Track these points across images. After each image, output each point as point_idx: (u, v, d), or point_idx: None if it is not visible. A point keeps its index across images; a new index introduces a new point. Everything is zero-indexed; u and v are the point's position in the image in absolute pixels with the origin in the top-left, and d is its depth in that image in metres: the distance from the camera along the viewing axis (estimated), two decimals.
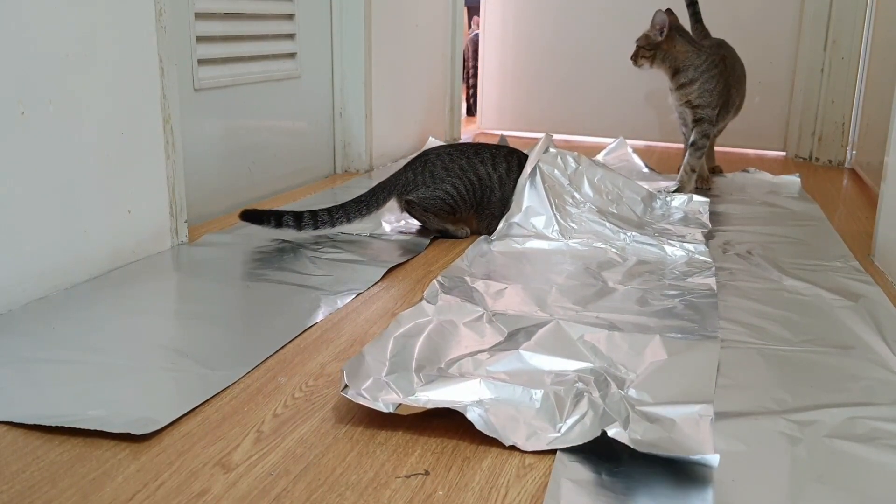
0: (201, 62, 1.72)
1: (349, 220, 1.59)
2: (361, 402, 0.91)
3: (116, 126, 1.38)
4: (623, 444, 0.82)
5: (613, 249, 1.54)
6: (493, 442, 0.87)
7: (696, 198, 1.82)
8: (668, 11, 2.07)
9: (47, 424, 0.88)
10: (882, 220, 1.57)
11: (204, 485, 0.79)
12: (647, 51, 2.05)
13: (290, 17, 2.02)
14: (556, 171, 1.68)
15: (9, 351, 1.07)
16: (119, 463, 0.82)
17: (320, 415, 0.93)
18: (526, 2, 3.09)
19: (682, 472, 0.81)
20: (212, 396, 0.97)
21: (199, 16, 1.70)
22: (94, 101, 1.33)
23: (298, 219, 1.56)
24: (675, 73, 2.07)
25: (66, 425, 0.88)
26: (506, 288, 1.32)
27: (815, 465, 0.85)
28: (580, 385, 0.95)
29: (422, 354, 1.03)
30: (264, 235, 1.62)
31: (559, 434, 0.88)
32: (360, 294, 1.33)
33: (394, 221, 1.72)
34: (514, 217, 1.62)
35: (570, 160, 1.73)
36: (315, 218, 1.57)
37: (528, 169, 1.67)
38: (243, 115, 1.88)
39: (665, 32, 2.04)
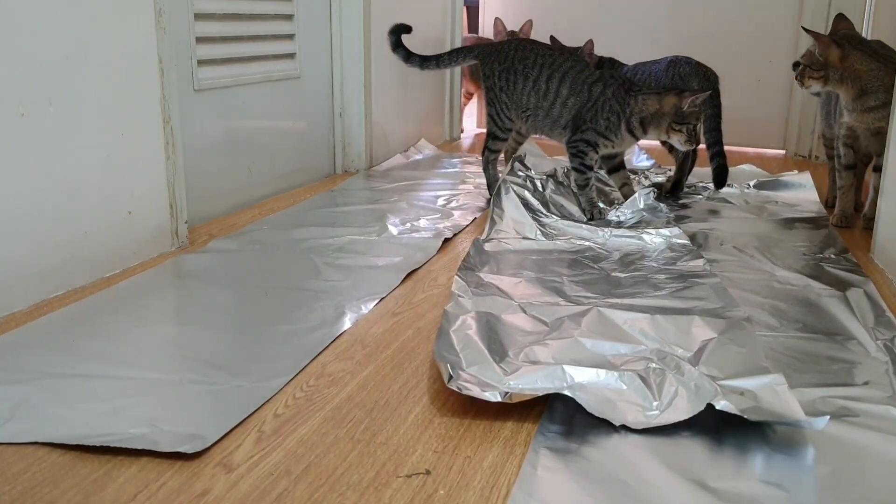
0: (201, 63, 1.72)
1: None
2: (467, 392, 0.94)
3: (116, 127, 1.38)
4: (724, 413, 0.87)
5: (596, 245, 1.58)
6: (493, 441, 0.88)
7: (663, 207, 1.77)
8: (840, 17, 1.77)
9: (90, 444, 0.85)
10: (882, 218, 1.57)
11: (205, 485, 0.79)
12: (816, 71, 1.71)
13: (289, 17, 2.02)
14: (525, 193, 1.74)
15: (31, 366, 1.03)
16: (120, 463, 0.82)
17: (321, 415, 0.94)
18: (525, 5, 3.09)
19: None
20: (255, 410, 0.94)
21: (199, 16, 1.70)
22: (93, 102, 1.33)
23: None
24: (860, 94, 1.69)
25: (112, 445, 0.84)
26: (519, 282, 1.36)
27: (784, 439, 0.88)
28: (654, 366, 0.99)
29: (488, 346, 1.06)
30: (271, 241, 1.60)
31: (658, 412, 0.91)
32: (383, 299, 1.31)
33: (399, 224, 1.72)
34: (499, 225, 1.65)
35: (538, 183, 1.80)
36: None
37: (495, 188, 1.76)
38: (243, 115, 1.88)
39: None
